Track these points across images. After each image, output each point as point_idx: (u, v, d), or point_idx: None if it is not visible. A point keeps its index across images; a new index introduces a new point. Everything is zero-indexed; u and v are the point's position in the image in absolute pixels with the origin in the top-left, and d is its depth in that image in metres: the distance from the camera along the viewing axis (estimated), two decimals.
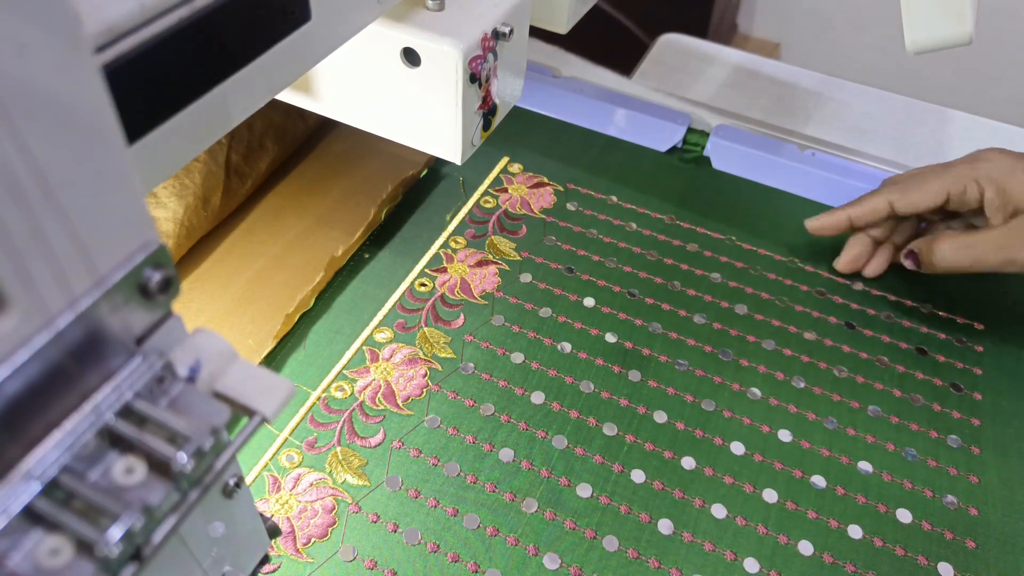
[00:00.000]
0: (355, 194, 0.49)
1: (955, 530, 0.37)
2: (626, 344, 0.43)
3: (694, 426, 0.40)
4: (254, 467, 0.37)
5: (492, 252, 0.48)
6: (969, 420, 0.41)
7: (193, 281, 0.43)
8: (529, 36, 0.37)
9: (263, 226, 0.47)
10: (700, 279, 0.47)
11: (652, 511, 0.36)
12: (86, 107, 0.14)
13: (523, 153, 0.54)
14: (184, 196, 0.43)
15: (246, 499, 0.22)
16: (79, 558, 0.15)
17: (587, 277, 0.47)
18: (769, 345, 0.44)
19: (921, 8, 0.39)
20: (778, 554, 0.35)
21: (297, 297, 0.43)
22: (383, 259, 0.47)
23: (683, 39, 0.70)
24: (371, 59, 0.33)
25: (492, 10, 0.33)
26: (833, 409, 0.41)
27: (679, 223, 0.50)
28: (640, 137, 0.56)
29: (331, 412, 0.39)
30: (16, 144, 0.13)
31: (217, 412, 0.17)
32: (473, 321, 0.44)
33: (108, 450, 0.16)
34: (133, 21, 0.18)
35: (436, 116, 0.34)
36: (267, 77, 0.24)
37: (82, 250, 0.14)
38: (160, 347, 0.17)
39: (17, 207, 0.13)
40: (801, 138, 0.57)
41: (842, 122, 0.61)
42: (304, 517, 0.35)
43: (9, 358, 0.14)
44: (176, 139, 0.21)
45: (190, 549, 0.20)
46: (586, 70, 0.62)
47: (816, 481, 0.38)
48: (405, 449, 0.38)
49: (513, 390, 0.41)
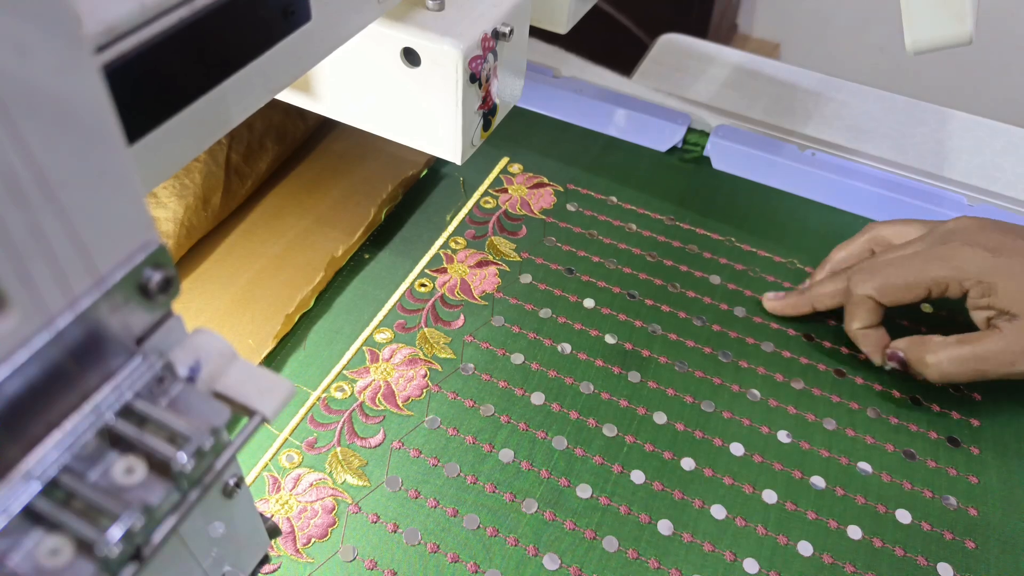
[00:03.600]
0: (355, 194, 0.49)
1: (955, 530, 0.37)
2: (626, 345, 0.43)
3: (694, 427, 0.40)
4: (254, 467, 0.37)
5: (492, 253, 0.48)
6: (969, 421, 0.41)
7: (193, 281, 0.43)
8: (529, 36, 0.37)
9: (263, 226, 0.47)
10: (700, 281, 0.47)
11: (652, 512, 0.36)
12: (86, 107, 0.14)
13: (523, 153, 0.54)
14: (184, 196, 0.43)
15: (246, 499, 0.22)
16: (79, 558, 0.15)
17: (587, 278, 0.47)
18: (768, 347, 0.44)
19: (921, 8, 0.39)
20: (778, 555, 0.35)
21: (297, 297, 0.43)
22: (383, 259, 0.47)
23: (683, 39, 0.70)
24: (371, 59, 0.33)
25: (492, 10, 0.33)
26: (832, 410, 0.41)
27: (679, 224, 0.50)
28: (640, 137, 0.56)
29: (331, 412, 0.39)
30: (16, 144, 0.13)
31: (217, 412, 0.17)
32: (473, 322, 0.44)
33: (108, 450, 0.16)
34: (133, 21, 0.18)
35: (436, 116, 0.34)
36: (267, 77, 0.24)
37: (82, 250, 0.14)
38: (160, 347, 0.17)
39: (17, 207, 0.13)
40: (801, 138, 0.58)
41: (842, 122, 0.61)
42: (304, 517, 0.35)
43: (9, 358, 0.14)
44: (176, 139, 0.21)
45: (190, 549, 0.20)
46: (586, 70, 0.62)
47: (816, 482, 0.38)
48: (405, 449, 0.38)
49: (513, 391, 0.41)
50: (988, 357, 0.38)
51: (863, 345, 0.42)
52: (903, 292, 0.40)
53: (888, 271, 0.40)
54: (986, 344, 0.38)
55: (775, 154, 0.55)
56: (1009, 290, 0.38)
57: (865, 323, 0.41)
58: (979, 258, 0.38)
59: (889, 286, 0.40)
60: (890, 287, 0.40)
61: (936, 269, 0.39)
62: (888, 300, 0.40)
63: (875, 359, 0.42)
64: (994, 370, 0.38)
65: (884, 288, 0.40)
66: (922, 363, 0.39)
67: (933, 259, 0.40)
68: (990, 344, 0.38)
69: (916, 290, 0.40)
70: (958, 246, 0.39)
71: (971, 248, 0.39)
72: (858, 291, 0.41)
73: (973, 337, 0.39)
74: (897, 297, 0.40)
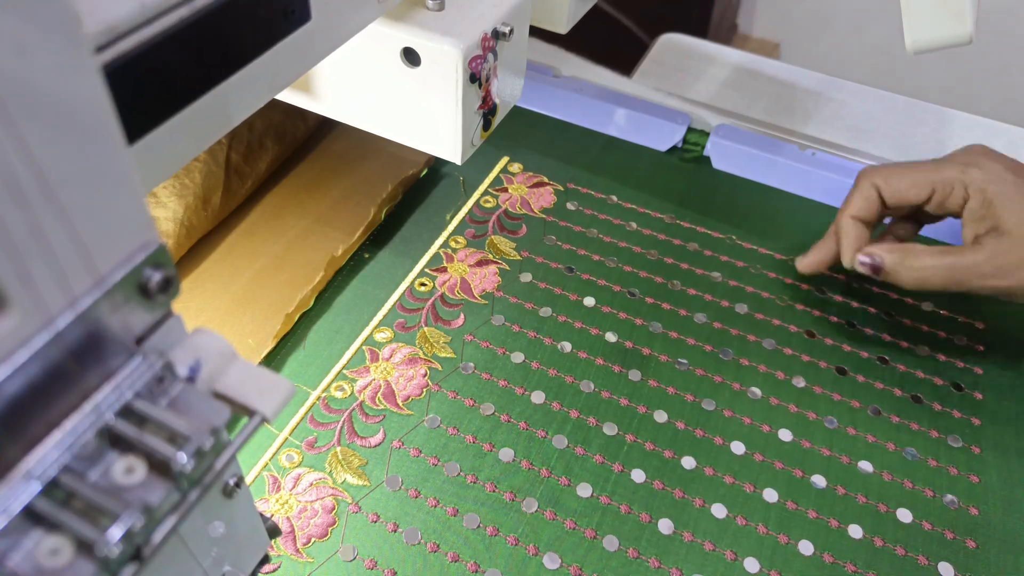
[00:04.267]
0: (355, 194, 0.49)
1: (955, 530, 0.37)
2: (626, 343, 0.43)
3: (694, 426, 0.40)
4: (254, 467, 0.37)
5: (492, 252, 0.48)
6: (970, 419, 0.41)
7: (193, 281, 0.43)
8: (529, 36, 0.37)
9: (263, 226, 0.47)
10: (700, 278, 0.47)
11: (652, 511, 0.36)
12: (86, 107, 0.14)
13: (523, 153, 0.54)
14: (184, 196, 0.43)
15: (246, 499, 0.22)
16: (79, 558, 0.15)
17: (587, 276, 0.47)
18: (769, 344, 0.44)
19: (921, 8, 0.39)
20: (778, 554, 0.35)
21: (297, 297, 0.43)
22: (383, 259, 0.47)
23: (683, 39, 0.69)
24: (371, 59, 0.33)
25: (492, 10, 0.33)
26: (833, 408, 0.41)
27: (679, 222, 0.50)
28: (640, 137, 0.56)
29: (331, 412, 0.39)
30: (16, 144, 0.12)
31: (217, 412, 0.17)
32: (473, 321, 0.44)
33: (108, 450, 0.16)
34: (133, 21, 0.18)
35: (436, 116, 0.34)
36: (267, 77, 0.24)
37: (82, 250, 0.14)
38: (160, 347, 0.17)
39: (17, 207, 0.13)
40: (801, 138, 0.57)
41: (842, 122, 0.61)
42: (304, 517, 0.35)
43: (9, 358, 0.14)
44: (176, 139, 0.21)
45: (190, 549, 0.20)
46: (586, 70, 0.62)
47: (816, 481, 0.38)
48: (405, 449, 0.38)
49: (513, 390, 0.41)
50: (967, 267, 0.39)
51: (843, 236, 0.42)
52: (909, 187, 0.41)
53: (901, 166, 0.42)
54: (967, 256, 0.39)
55: (775, 154, 0.55)
56: (1008, 207, 0.39)
57: (858, 212, 0.42)
58: (996, 170, 0.40)
59: (896, 176, 0.41)
60: (897, 177, 0.41)
61: (949, 171, 0.40)
62: (891, 192, 0.41)
63: (846, 257, 0.42)
64: (968, 281, 0.39)
65: (891, 177, 0.41)
66: (902, 266, 0.40)
67: (950, 162, 0.41)
68: (971, 256, 0.39)
69: (922, 188, 0.41)
70: (980, 156, 0.41)
71: (991, 160, 0.40)
72: (866, 179, 0.42)
73: (955, 249, 0.40)
74: (901, 190, 0.41)
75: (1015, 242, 0.38)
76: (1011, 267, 0.38)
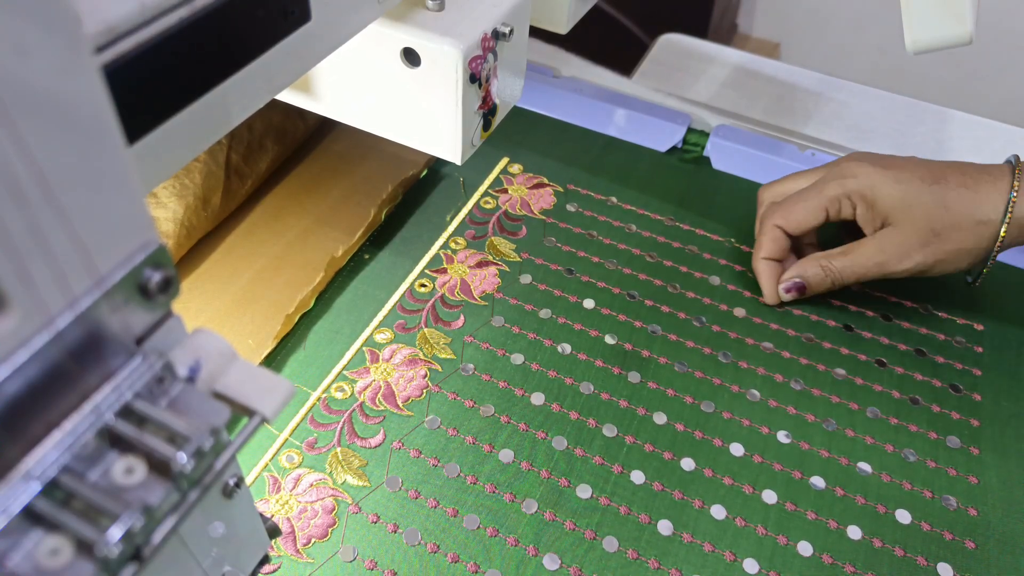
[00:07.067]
0: (355, 194, 0.49)
1: (954, 531, 0.37)
2: (626, 346, 0.43)
3: (694, 427, 0.40)
4: (254, 467, 0.37)
5: (492, 253, 0.48)
6: (968, 421, 0.41)
7: (193, 281, 0.43)
8: (529, 36, 0.37)
9: (263, 226, 0.47)
10: (700, 281, 0.47)
11: (652, 512, 0.36)
12: (86, 107, 0.14)
13: (523, 153, 0.54)
14: (184, 196, 0.43)
15: (246, 499, 0.22)
16: (79, 558, 0.15)
17: (587, 278, 0.47)
18: (768, 347, 0.44)
19: (921, 8, 0.39)
20: (777, 555, 0.35)
21: (297, 297, 0.43)
22: (383, 259, 0.47)
23: (683, 39, 0.70)
24: (371, 59, 0.33)
25: (492, 10, 0.33)
26: (832, 410, 0.41)
27: (679, 224, 0.50)
28: (640, 137, 0.56)
29: (331, 413, 0.39)
30: (16, 144, 0.13)
31: (217, 412, 0.17)
32: (473, 322, 0.44)
33: (108, 450, 0.16)
34: (133, 21, 0.18)
35: (436, 116, 0.34)
36: (267, 77, 0.24)
37: (82, 250, 0.14)
38: (160, 347, 0.17)
39: (17, 207, 0.13)
40: (801, 138, 0.57)
41: (842, 122, 0.61)
42: (304, 517, 0.35)
43: (9, 358, 0.14)
44: (176, 139, 0.21)
45: (190, 549, 0.20)
46: (586, 70, 0.62)
47: (815, 482, 0.38)
48: (405, 450, 0.38)
49: (513, 391, 0.41)
50: (863, 263, 0.43)
51: (761, 278, 0.46)
52: (805, 217, 0.44)
53: (792, 200, 0.45)
54: (859, 251, 0.43)
55: (775, 154, 0.55)
56: (888, 201, 0.42)
57: (769, 253, 0.45)
58: (864, 171, 0.43)
59: (791, 212, 0.45)
60: (794, 212, 0.44)
61: (831, 189, 0.44)
62: (793, 227, 0.45)
63: (769, 295, 0.45)
64: (871, 272, 0.43)
65: (788, 215, 0.45)
66: (820, 275, 0.44)
67: (828, 181, 0.44)
68: (863, 250, 0.43)
69: (816, 212, 0.44)
70: (848, 163, 0.44)
71: (858, 163, 0.43)
72: (767, 221, 0.45)
73: (851, 247, 0.44)
74: (800, 222, 0.44)
75: (903, 227, 0.42)
76: (910, 247, 0.42)
